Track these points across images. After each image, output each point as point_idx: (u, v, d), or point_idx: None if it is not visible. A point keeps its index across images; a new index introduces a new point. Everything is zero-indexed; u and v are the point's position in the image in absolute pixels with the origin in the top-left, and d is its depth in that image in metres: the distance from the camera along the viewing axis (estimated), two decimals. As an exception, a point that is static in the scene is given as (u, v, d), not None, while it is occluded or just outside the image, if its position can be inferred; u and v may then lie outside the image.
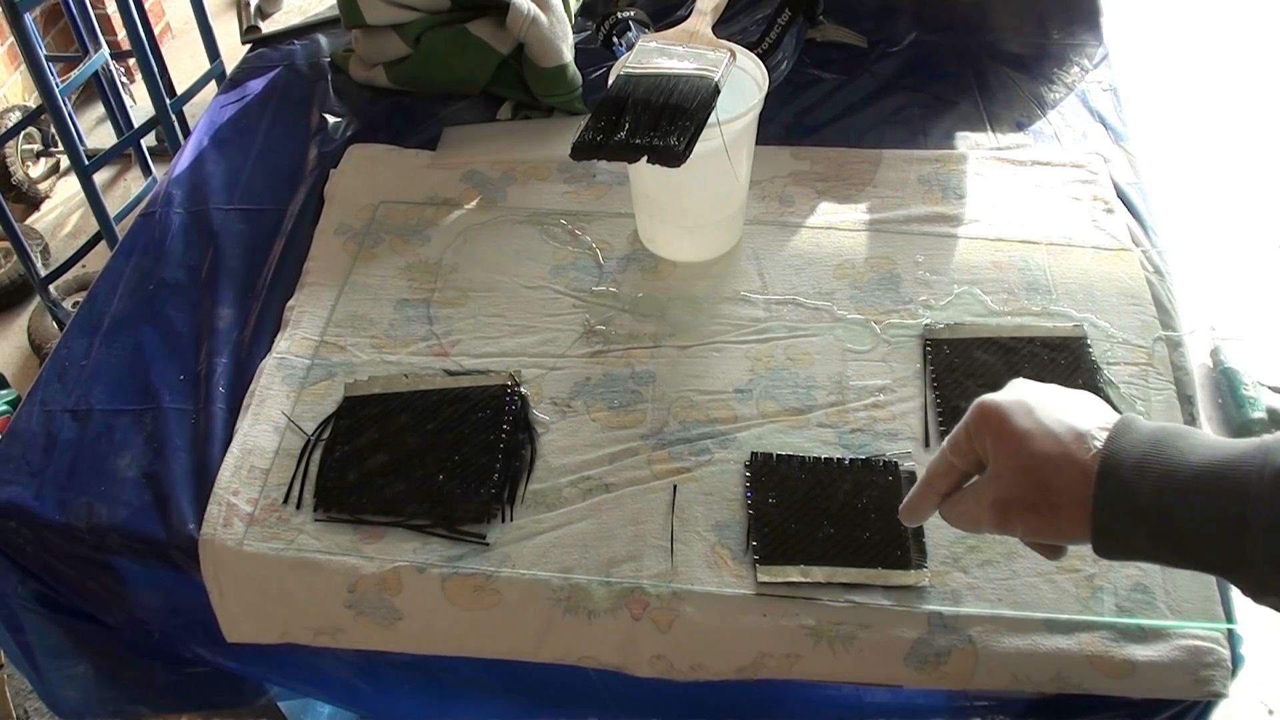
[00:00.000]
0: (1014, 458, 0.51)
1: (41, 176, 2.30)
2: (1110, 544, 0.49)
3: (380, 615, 0.67)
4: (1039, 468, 0.50)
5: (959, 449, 0.54)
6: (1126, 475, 0.47)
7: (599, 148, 0.70)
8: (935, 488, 0.56)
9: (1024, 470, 0.50)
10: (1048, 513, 0.50)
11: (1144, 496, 0.47)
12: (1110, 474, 0.48)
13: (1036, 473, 0.50)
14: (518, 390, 0.75)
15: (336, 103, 1.06)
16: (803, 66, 1.05)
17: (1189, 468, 0.46)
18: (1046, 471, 0.49)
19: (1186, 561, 0.48)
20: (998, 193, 0.91)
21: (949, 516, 0.56)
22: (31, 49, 1.44)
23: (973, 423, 0.53)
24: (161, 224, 0.93)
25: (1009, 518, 0.51)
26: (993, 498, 0.52)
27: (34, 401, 0.78)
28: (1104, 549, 0.49)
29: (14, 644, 0.79)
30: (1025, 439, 0.50)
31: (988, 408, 0.52)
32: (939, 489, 0.56)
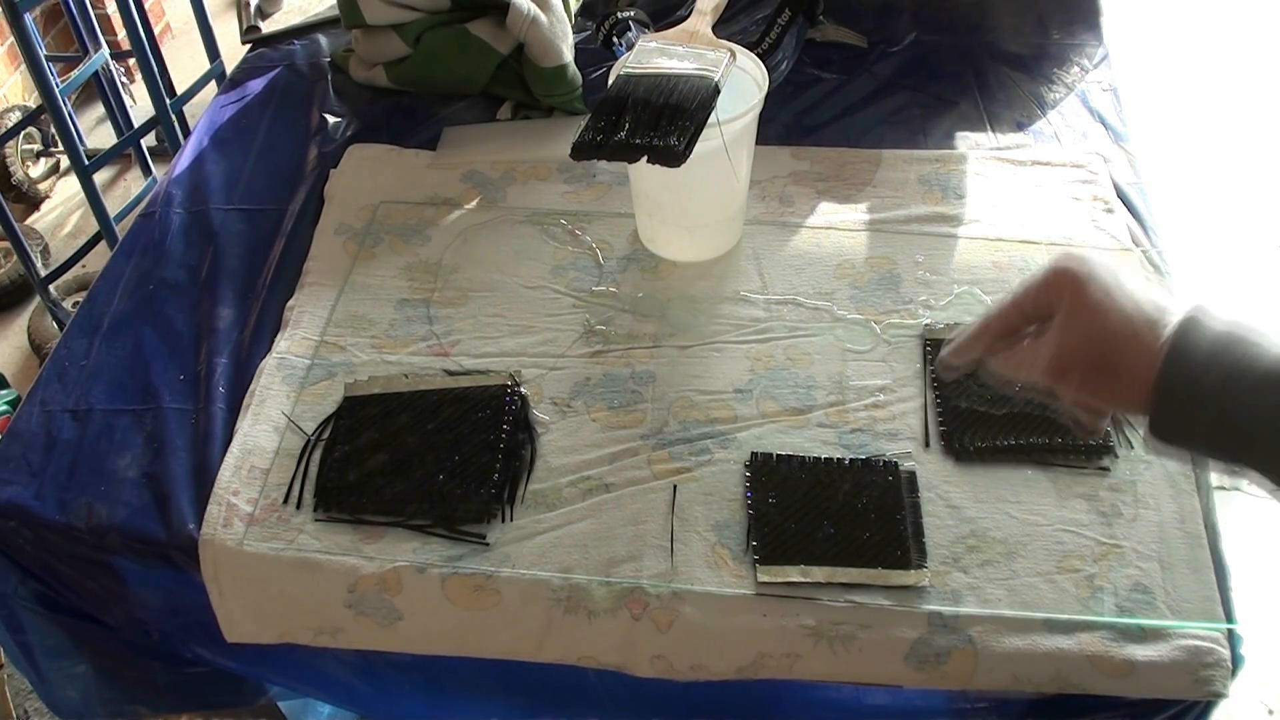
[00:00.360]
0: (1084, 322, 0.50)
1: (41, 176, 2.30)
2: (1164, 430, 0.48)
3: (380, 615, 0.67)
4: (1110, 337, 0.50)
5: (1027, 301, 0.53)
6: (1195, 362, 0.47)
7: (599, 148, 0.70)
8: (990, 332, 0.55)
9: (1093, 336, 0.50)
10: (1108, 381, 0.50)
11: (1210, 387, 0.46)
12: (1176, 359, 0.47)
13: (1105, 344, 0.50)
14: (518, 390, 0.75)
15: (336, 103, 1.06)
16: (803, 66, 1.05)
17: (1261, 363, 0.46)
18: (1115, 345, 0.49)
19: (1242, 455, 0.47)
20: (998, 193, 0.91)
21: (999, 361, 0.55)
22: (31, 49, 1.44)
23: (1050, 280, 0.52)
24: (161, 224, 0.93)
25: (1067, 377, 0.51)
26: (1055, 352, 0.51)
27: (34, 401, 0.78)
28: (1159, 428, 0.48)
29: (14, 644, 0.79)
30: (1098, 309, 0.50)
31: (1071, 267, 0.52)
32: (993, 334, 0.55)
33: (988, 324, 0.55)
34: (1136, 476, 0.70)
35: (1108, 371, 0.50)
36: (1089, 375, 0.50)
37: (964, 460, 0.71)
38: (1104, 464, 0.71)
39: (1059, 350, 0.51)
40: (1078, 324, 0.51)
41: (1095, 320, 0.50)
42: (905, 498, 0.69)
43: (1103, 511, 0.68)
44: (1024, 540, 0.67)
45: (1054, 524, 0.68)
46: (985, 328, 0.56)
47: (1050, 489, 0.70)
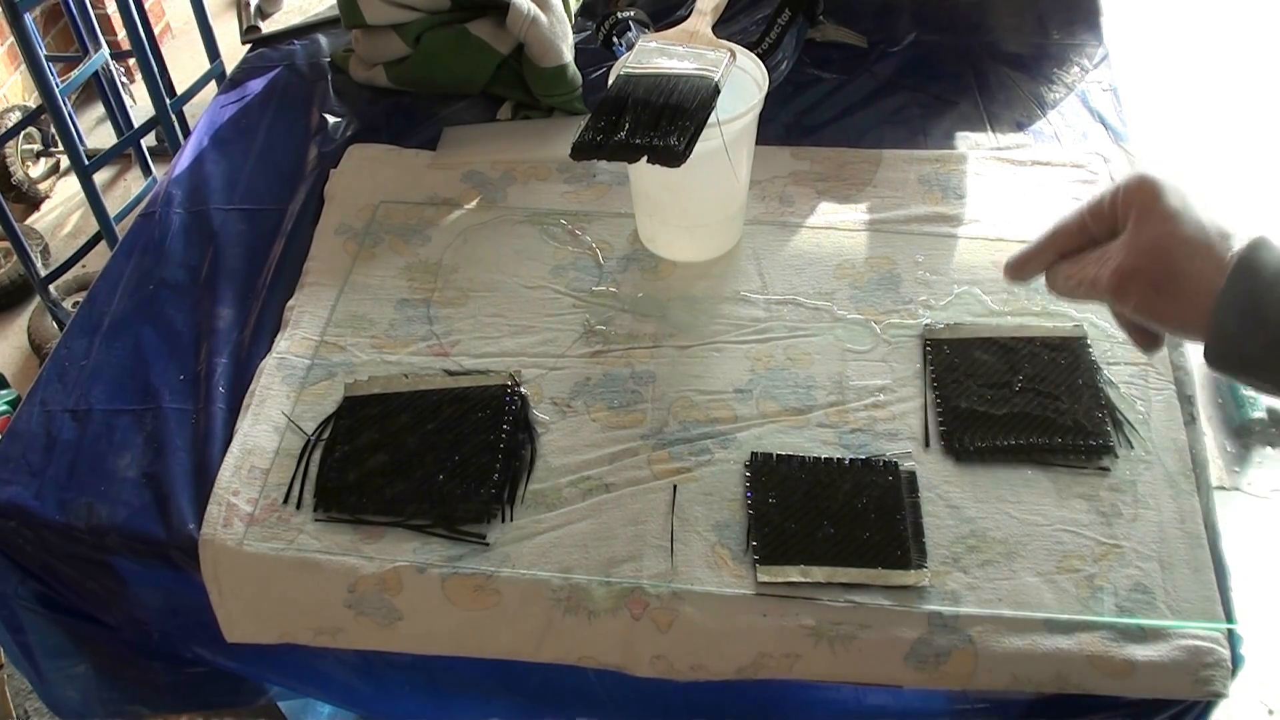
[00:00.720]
0: (1155, 231, 0.50)
1: (41, 176, 2.30)
2: (1222, 345, 0.48)
3: (380, 615, 0.67)
4: (1177, 248, 0.49)
5: (1099, 211, 0.53)
6: (1261, 279, 0.47)
7: (599, 148, 0.70)
8: (1057, 243, 0.55)
9: (1161, 247, 0.50)
10: (1170, 295, 0.49)
11: (1271, 303, 0.46)
12: (1243, 273, 0.47)
13: (1173, 253, 0.49)
14: (518, 390, 0.75)
15: (336, 103, 1.06)
16: (803, 66, 1.05)
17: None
18: (1183, 254, 0.49)
19: None
20: (998, 193, 0.91)
21: (1061, 275, 0.55)
22: (31, 49, 1.44)
23: (1125, 189, 0.52)
24: (161, 224, 0.93)
25: (1128, 288, 0.50)
26: (1119, 264, 0.51)
27: (34, 401, 0.78)
28: (1216, 350, 0.48)
29: (14, 644, 0.79)
30: (1172, 218, 0.50)
31: (1146, 179, 0.51)
32: (1060, 245, 0.55)
33: (1056, 231, 0.55)
34: (1136, 476, 0.70)
35: (1172, 284, 0.49)
36: (1148, 295, 0.50)
37: (964, 460, 0.71)
38: (1104, 464, 0.71)
39: (1125, 259, 0.51)
40: (1148, 231, 0.50)
41: (1166, 228, 0.50)
42: (905, 498, 0.69)
43: (1103, 511, 0.68)
44: (1024, 540, 0.67)
45: (1054, 524, 0.68)
46: (1054, 235, 0.55)
47: (1050, 489, 0.70)
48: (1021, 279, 0.58)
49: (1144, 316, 0.51)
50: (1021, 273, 0.57)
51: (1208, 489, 0.70)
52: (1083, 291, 0.53)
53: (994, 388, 0.74)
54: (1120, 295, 0.51)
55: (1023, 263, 0.57)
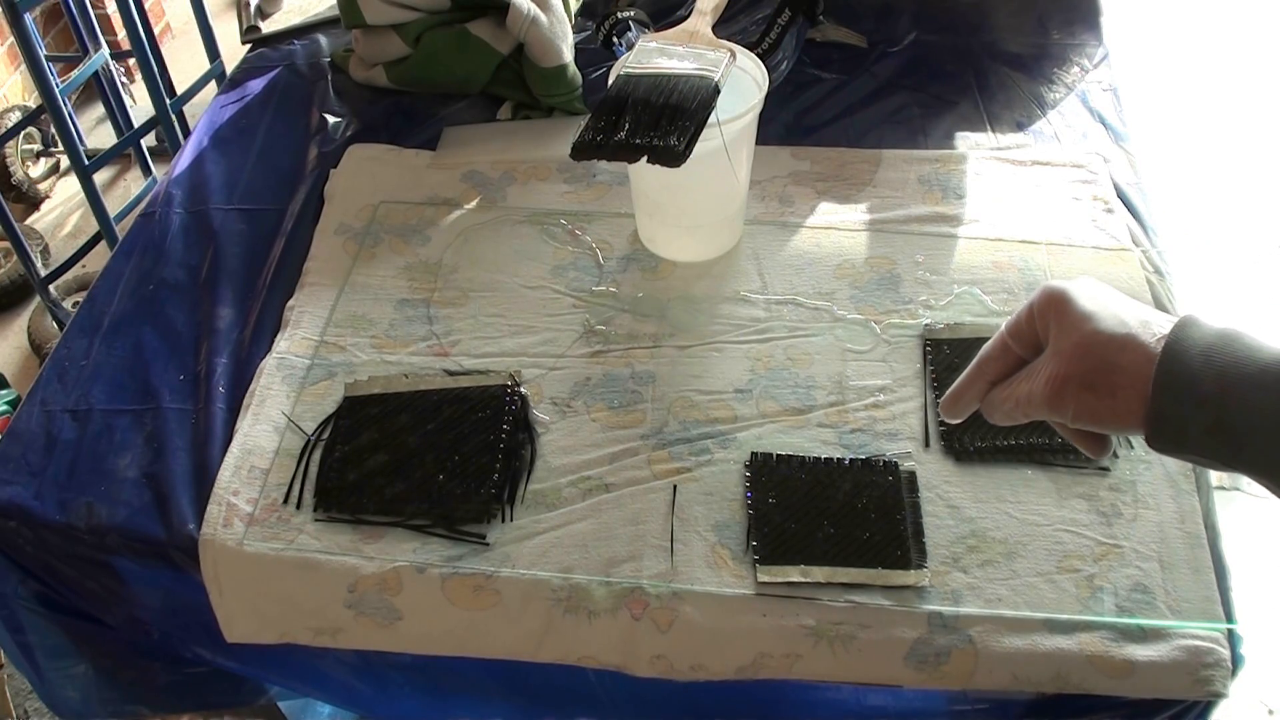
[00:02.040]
0: (1077, 334, 0.50)
1: (41, 176, 2.30)
2: (1164, 431, 0.48)
3: (380, 615, 0.67)
4: (1103, 345, 0.49)
5: (1019, 331, 0.54)
6: (1191, 361, 0.47)
7: (599, 148, 0.70)
8: (985, 372, 0.55)
9: (1086, 347, 0.50)
10: (1105, 393, 0.49)
11: (1207, 383, 0.46)
12: (1174, 357, 0.47)
13: (1099, 350, 0.49)
14: (518, 390, 0.75)
15: (336, 103, 1.06)
16: (803, 66, 1.05)
17: (1256, 361, 0.45)
18: (1110, 349, 0.49)
19: (1239, 459, 0.46)
20: (998, 193, 0.91)
21: (997, 400, 0.55)
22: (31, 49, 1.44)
23: (1038, 304, 0.52)
24: (161, 224, 0.93)
25: (1063, 396, 0.50)
26: (1050, 374, 0.51)
27: (34, 401, 0.78)
28: (1157, 436, 0.48)
29: (14, 644, 0.79)
30: (1090, 318, 0.50)
31: (1054, 290, 0.52)
32: (989, 374, 0.55)
33: (981, 365, 0.55)
34: (1136, 476, 0.70)
35: (1105, 381, 0.49)
36: (1084, 399, 0.50)
37: (964, 460, 0.71)
38: (1104, 464, 0.71)
39: (1053, 372, 0.51)
40: (1070, 336, 0.50)
41: (1087, 329, 0.50)
42: (905, 498, 0.69)
43: (1103, 511, 0.68)
44: (1024, 540, 0.67)
45: (1054, 524, 0.68)
46: (981, 365, 0.56)
47: (1050, 489, 0.70)
48: (958, 415, 0.58)
49: (1084, 421, 0.51)
50: (957, 408, 0.57)
51: (1208, 489, 0.70)
52: (1021, 411, 0.53)
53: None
54: (1057, 404, 0.51)
55: (956, 398, 0.57)
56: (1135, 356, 0.48)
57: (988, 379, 0.55)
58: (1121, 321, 0.49)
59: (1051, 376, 0.51)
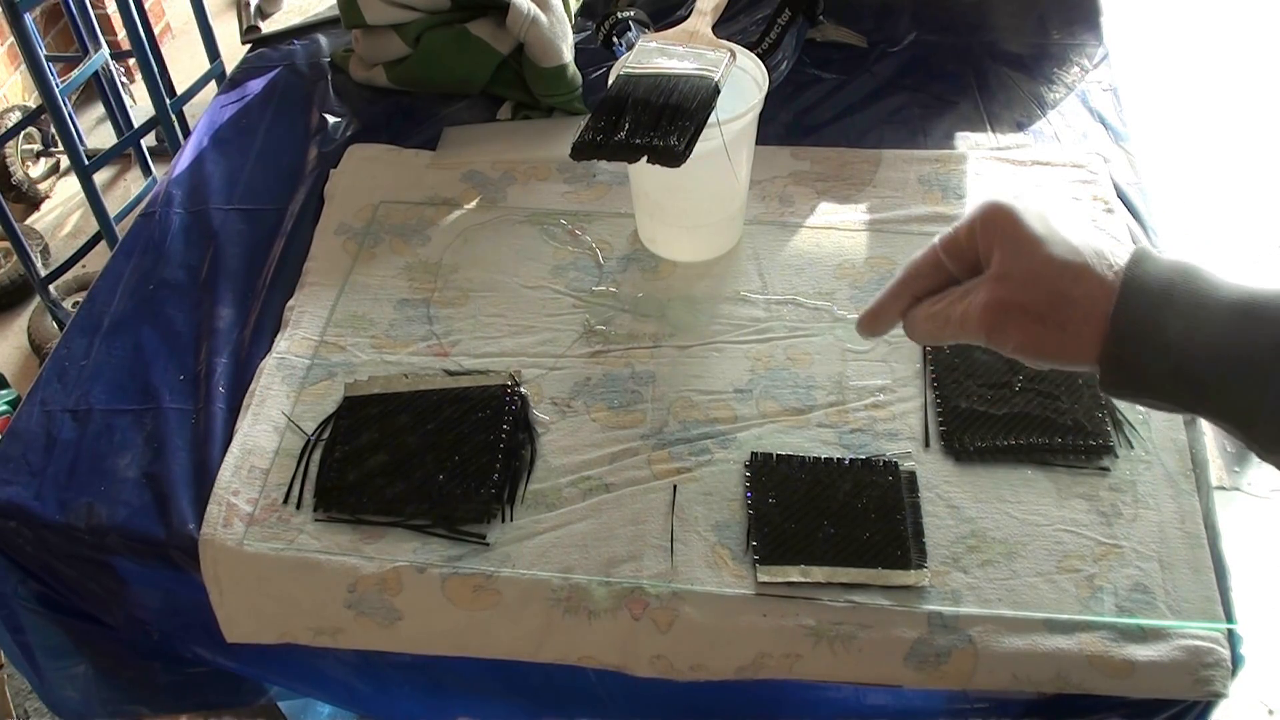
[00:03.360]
0: (1027, 260, 0.45)
1: (41, 176, 2.30)
2: (1121, 375, 0.44)
3: (380, 615, 0.67)
4: (1056, 275, 0.45)
5: (955, 247, 0.48)
6: (1152, 301, 0.43)
7: (599, 148, 0.70)
8: (912, 287, 0.50)
9: (1036, 275, 0.45)
10: (1053, 325, 0.45)
11: (1170, 326, 0.43)
12: (1135, 294, 0.43)
13: (1052, 280, 0.45)
14: (518, 390, 0.75)
15: (336, 103, 1.06)
16: (803, 66, 1.05)
17: (1220, 300, 0.42)
18: (1064, 280, 0.45)
19: (1201, 404, 0.43)
20: (998, 193, 0.91)
21: (920, 318, 0.50)
22: (31, 49, 1.44)
23: (981, 219, 0.47)
24: (161, 224, 0.93)
25: (1004, 324, 0.46)
26: (990, 298, 0.46)
27: (34, 401, 0.78)
28: (1112, 380, 0.45)
29: (14, 644, 0.79)
30: (1042, 243, 0.45)
31: (1001, 207, 0.47)
32: (915, 290, 0.50)
33: (909, 273, 0.50)
34: (1136, 476, 0.70)
35: (1056, 314, 0.45)
36: (1030, 330, 0.46)
37: (964, 460, 0.71)
38: (1104, 464, 0.71)
39: (996, 292, 0.46)
40: (1019, 260, 0.46)
41: (1040, 254, 0.45)
42: (905, 498, 0.69)
43: (1103, 511, 0.68)
44: (1024, 540, 0.67)
45: (1054, 524, 0.68)
46: (906, 278, 0.50)
47: (1050, 489, 0.70)
48: (877, 333, 0.53)
49: (1025, 353, 0.46)
50: (876, 325, 0.52)
51: (1208, 489, 0.70)
52: (949, 332, 0.49)
53: (994, 387, 0.74)
54: (995, 332, 0.46)
55: (876, 314, 0.52)
56: (1089, 288, 0.44)
57: (913, 294, 0.51)
58: (1074, 249, 0.45)
59: (991, 301, 0.46)
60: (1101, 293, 0.44)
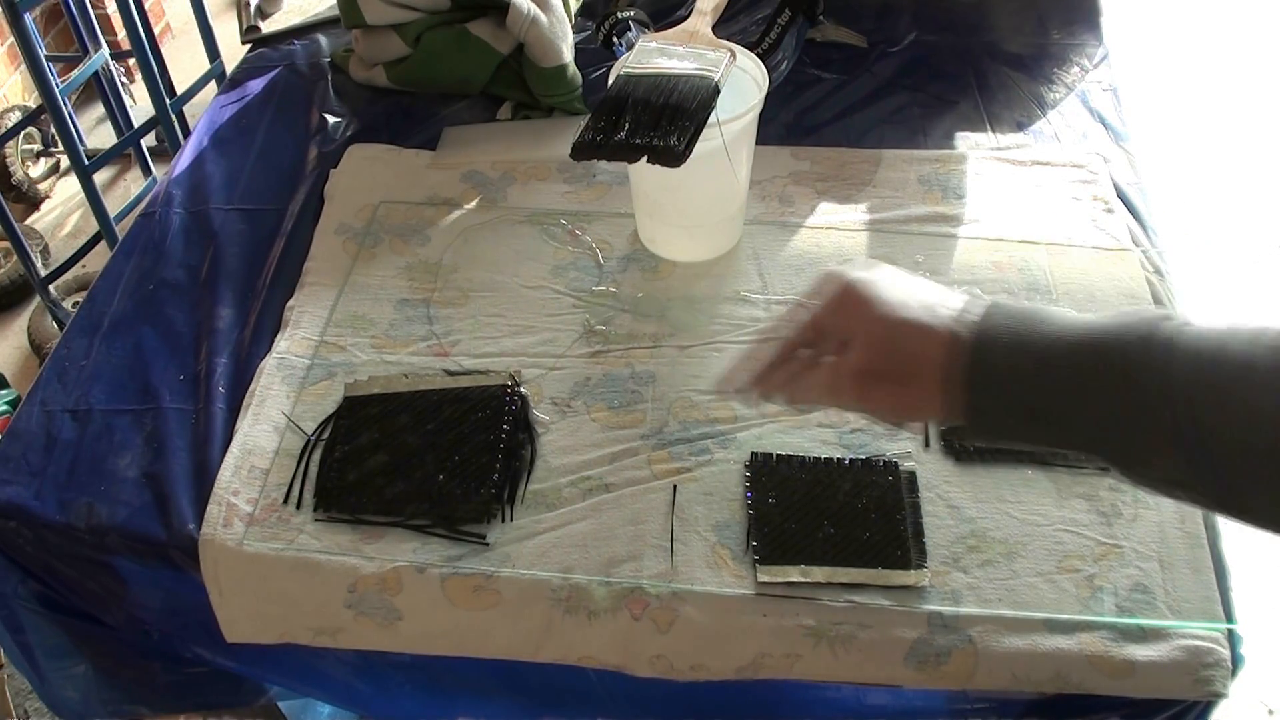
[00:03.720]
0: (880, 326, 0.49)
1: (41, 176, 2.30)
2: (983, 422, 0.47)
3: (380, 615, 0.67)
4: (906, 337, 0.48)
5: (817, 327, 0.52)
6: (999, 352, 0.46)
7: (599, 148, 0.70)
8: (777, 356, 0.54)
9: (889, 340, 0.49)
10: (912, 386, 0.48)
11: (1019, 373, 0.46)
12: (983, 347, 0.47)
13: (902, 342, 0.49)
14: (518, 390, 0.75)
15: (336, 103, 1.06)
16: (803, 66, 1.05)
17: (1062, 344, 0.45)
18: (913, 340, 0.48)
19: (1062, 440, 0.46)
20: (998, 193, 0.91)
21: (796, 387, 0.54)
22: (31, 49, 1.44)
23: (839, 296, 0.51)
24: (161, 224, 0.93)
25: (869, 389, 0.50)
26: (855, 367, 0.50)
27: (34, 401, 0.78)
28: (977, 427, 0.48)
29: (14, 644, 0.79)
30: (889, 307, 0.49)
31: (852, 283, 0.51)
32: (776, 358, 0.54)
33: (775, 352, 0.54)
34: (1136, 476, 0.70)
35: (909, 384, 0.48)
36: (891, 391, 0.49)
37: (964, 460, 0.71)
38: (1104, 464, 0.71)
39: (858, 365, 0.50)
40: (873, 327, 0.49)
41: (891, 316, 0.49)
42: (905, 498, 0.69)
43: (1103, 511, 0.68)
44: (1024, 540, 0.67)
45: (1054, 524, 0.68)
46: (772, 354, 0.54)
47: (1050, 489, 0.70)
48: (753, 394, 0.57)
49: (885, 413, 0.51)
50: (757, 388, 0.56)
51: (1208, 489, 0.70)
52: (829, 399, 0.53)
53: None
54: (865, 398, 0.50)
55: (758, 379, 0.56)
56: (928, 344, 0.48)
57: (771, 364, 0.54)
58: (925, 307, 0.49)
59: (857, 370, 0.50)
60: (937, 346, 0.47)
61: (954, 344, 0.47)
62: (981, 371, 0.46)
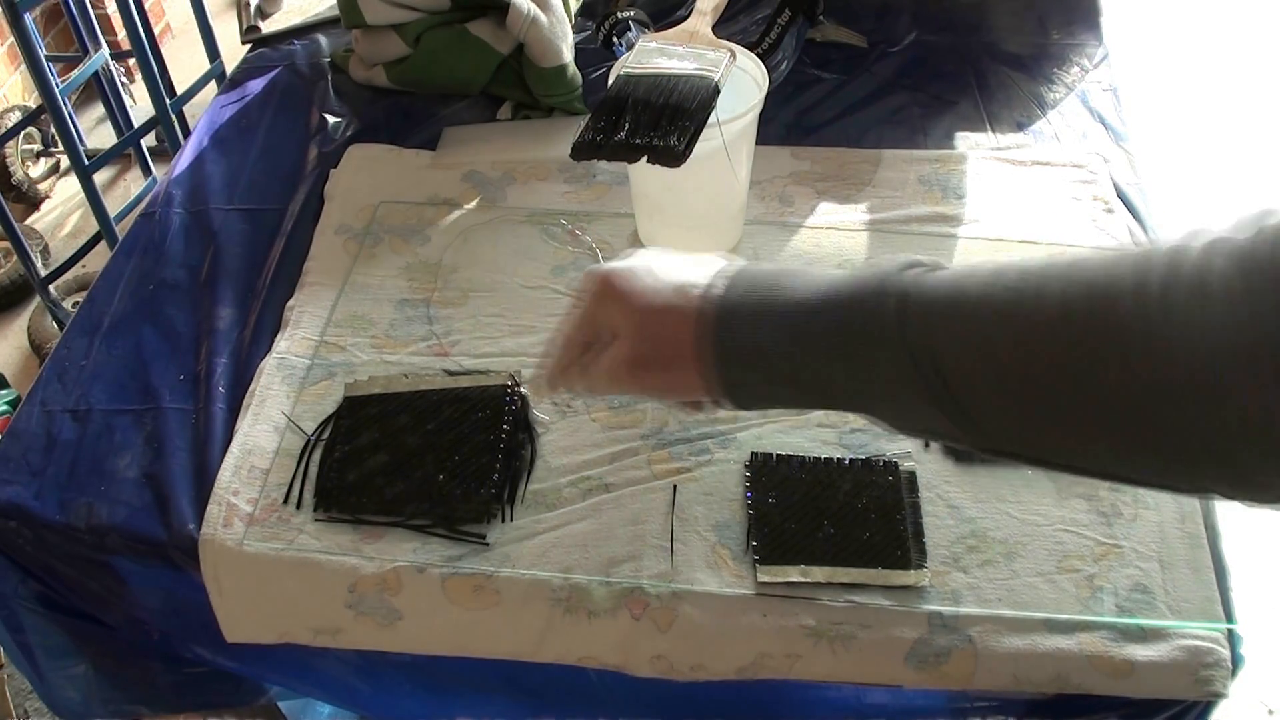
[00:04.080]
0: (634, 315, 0.51)
1: (41, 176, 2.30)
2: (743, 393, 0.49)
3: (380, 615, 0.67)
4: (658, 322, 0.50)
5: (590, 322, 0.54)
6: (741, 320, 0.47)
7: (599, 148, 0.70)
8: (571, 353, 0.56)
9: (642, 327, 0.50)
10: (674, 369, 0.50)
11: (764, 343, 0.47)
12: (714, 319, 0.48)
13: (656, 327, 0.50)
14: (518, 390, 0.75)
15: (336, 103, 1.06)
16: (803, 66, 1.05)
17: (804, 308, 0.46)
18: (665, 324, 0.50)
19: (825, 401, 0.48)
20: (998, 193, 0.91)
21: (588, 379, 0.56)
22: (31, 49, 1.44)
23: (597, 290, 0.53)
24: (161, 224, 0.93)
25: (641, 376, 0.51)
26: (624, 357, 0.52)
27: (34, 401, 0.78)
28: (738, 401, 0.49)
29: (14, 644, 0.79)
30: (642, 295, 0.50)
31: (595, 273, 0.52)
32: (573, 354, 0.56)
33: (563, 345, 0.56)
34: (1136, 476, 0.70)
35: (658, 357, 0.50)
36: (659, 377, 0.50)
37: (964, 460, 0.71)
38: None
39: (626, 355, 0.51)
40: (630, 317, 0.51)
41: (639, 304, 0.50)
42: (905, 498, 0.69)
43: (1103, 511, 0.68)
44: (1024, 540, 0.67)
45: (1054, 524, 0.68)
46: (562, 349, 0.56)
47: (1050, 489, 0.70)
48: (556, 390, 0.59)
49: (656, 395, 0.52)
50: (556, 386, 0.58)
51: (1208, 489, 0.70)
52: (616, 388, 0.54)
53: None
54: (642, 385, 0.52)
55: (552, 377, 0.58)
56: (678, 325, 0.49)
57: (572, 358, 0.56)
58: (669, 290, 0.50)
59: (627, 359, 0.51)
60: (685, 325, 0.48)
61: (700, 321, 0.48)
62: (727, 346, 0.47)
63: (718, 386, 0.49)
